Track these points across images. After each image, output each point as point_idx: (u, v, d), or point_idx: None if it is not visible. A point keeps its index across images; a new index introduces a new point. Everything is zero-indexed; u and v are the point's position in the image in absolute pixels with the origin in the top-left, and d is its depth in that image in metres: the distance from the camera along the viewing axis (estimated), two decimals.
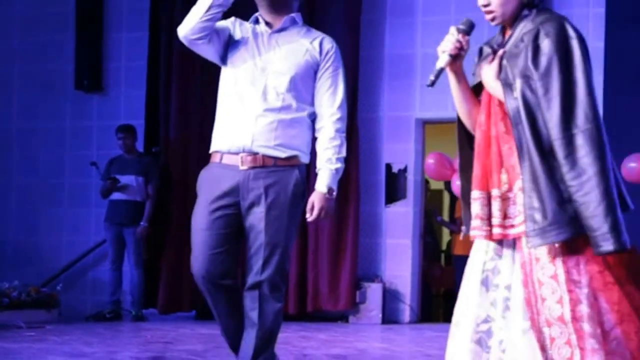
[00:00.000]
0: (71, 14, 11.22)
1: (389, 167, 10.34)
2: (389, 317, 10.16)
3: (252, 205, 4.30)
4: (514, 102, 3.36)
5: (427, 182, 10.93)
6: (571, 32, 3.34)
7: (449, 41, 3.51)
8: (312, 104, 4.40)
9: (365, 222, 10.19)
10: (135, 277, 10.12)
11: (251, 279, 4.31)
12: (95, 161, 10.59)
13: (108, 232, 10.22)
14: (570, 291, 3.29)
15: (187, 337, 8.36)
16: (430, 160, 9.10)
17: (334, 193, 4.42)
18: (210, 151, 4.49)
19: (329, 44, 4.46)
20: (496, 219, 3.47)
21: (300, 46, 4.39)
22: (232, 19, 4.47)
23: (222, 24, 4.39)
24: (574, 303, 3.28)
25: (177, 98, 10.38)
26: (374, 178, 10.28)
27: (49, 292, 9.96)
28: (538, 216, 3.28)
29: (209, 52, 4.40)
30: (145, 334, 8.62)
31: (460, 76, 3.58)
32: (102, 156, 10.61)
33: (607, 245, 3.16)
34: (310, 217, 4.40)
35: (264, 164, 4.28)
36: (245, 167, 4.31)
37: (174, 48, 10.31)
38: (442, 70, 3.52)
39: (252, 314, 4.30)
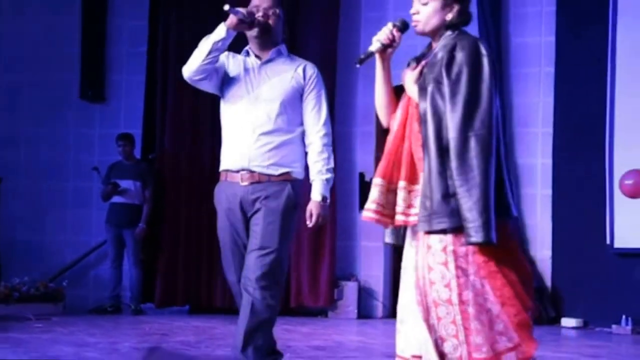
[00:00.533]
0: (77, 29, 11.48)
1: (362, 175, 10.62)
2: (364, 312, 10.46)
3: (252, 215, 4.60)
4: (424, 104, 3.59)
5: None
6: (483, 51, 3.56)
7: (384, 32, 3.77)
8: (302, 123, 4.70)
9: (342, 227, 10.45)
10: (134, 275, 10.35)
11: (244, 278, 4.56)
12: (97, 166, 10.80)
13: (108, 233, 10.44)
14: (457, 277, 3.48)
15: (181, 329, 8.55)
16: None
17: (328, 200, 4.75)
18: (220, 170, 4.80)
19: (311, 69, 4.78)
20: (400, 207, 3.67)
21: (287, 74, 4.68)
22: (226, 53, 4.74)
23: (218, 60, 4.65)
24: (461, 288, 3.47)
25: (172, 109, 10.62)
26: (349, 186, 10.54)
27: (56, 287, 10.19)
28: (427, 204, 3.51)
29: (209, 87, 4.76)
30: (144, 326, 8.85)
31: (386, 69, 3.82)
32: (103, 162, 10.81)
33: (477, 237, 3.37)
34: (310, 223, 4.72)
35: (259, 180, 4.58)
36: (245, 183, 4.62)
37: (169, 63, 10.59)
38: (372, 53, 3.78)
39: (244, 308, 4.55)
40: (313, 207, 4.72)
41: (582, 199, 9.01)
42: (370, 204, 3.76)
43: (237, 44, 4.75)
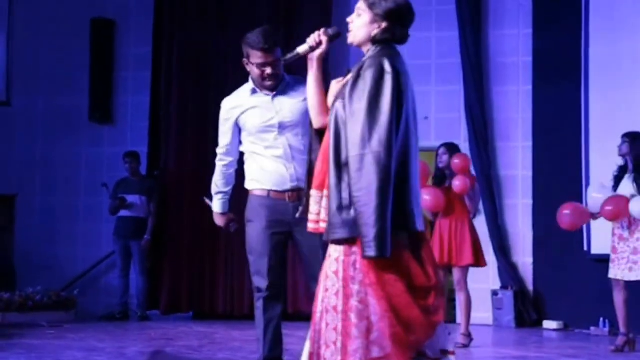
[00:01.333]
0: (86, 56, 11.71)
1: None
2: None
3: (300, 230, 4.54)
4: (330, 120, 3.58)
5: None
6: (388, 68, 3.47)
7: (313, 35, 3.78)
8: None
9: None
10: (141, 283, 10.52)
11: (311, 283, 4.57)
12: (105, 183, 11.00)
13: (116, 245, 10.63)
14: (344, 287, 3.46)
15: (185, 335, 8.63)
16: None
17: None
18: (252, 188, 4.83)
19: None
20: (322, 215, 3.68)
21: (299, 97, 4.73)
22: (227, 108, 4.86)
23: (228, 128, 4.87)
24: (347, 297, 3.44)
25: (175, 129, 10.83)
26: None
27: (67, 296, 10.40)
28: (328, 215, 3.53)
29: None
30: (150, 331, 8.96)
31: (317, 69, 3.80)
32: (112, 178, 11.03)
33: (370, 252, 3.33)
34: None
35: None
36: (293, 202, 4.67)
37: (172, 87, 10.85)
38: (297, 54, 3.82)
39: None
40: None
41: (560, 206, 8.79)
42: (311, 215, 3.75)
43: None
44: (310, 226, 3.71)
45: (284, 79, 4.79)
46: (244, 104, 4.80)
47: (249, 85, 4.81)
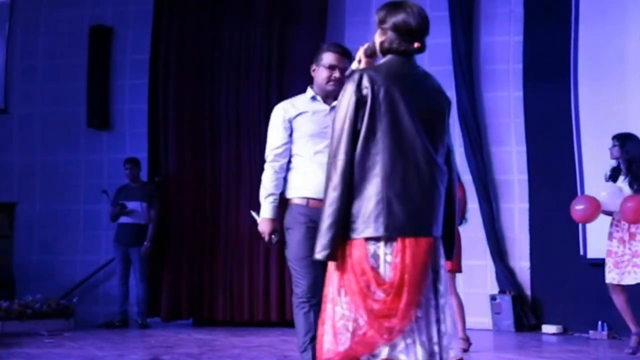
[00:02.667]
0: (84, 63, 11.73)
1: None
2: None
3: None
4: None
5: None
6: (354, 79, 3.57)
7: (359, 53, 3.92)
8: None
9: None
10: (141, 291, 10.43)
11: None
12: (105, 189, 10.97)
13: (116, 252, 10.56)
14: (325, 285, 3.64)
15: (185, 342, 8.56)
16: None
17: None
18: (292, 196, 4.85)
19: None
20: None
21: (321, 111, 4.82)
22: (283, 107, 4.88)
23: (284, 128, 4.87)
24: (326, 297, 3.63)
25: (174, 136, 10.80)
26: None
27: (67, 304, 10.27)
28: None
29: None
30: (149, 339, 8.88)
31: None
32: (112, 184, 11.00)
33: (316, 254, 3.49)
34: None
35: None
36: None
37: (169, 93, 10.83)
38: (352, 71, 3.90)
39: None
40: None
41: (557, 212, 9.02)
42: None
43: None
44: None
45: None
46: (301, 107, 4.86)
47: (309, 92, 4.88)
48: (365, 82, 3.51)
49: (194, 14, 10.86)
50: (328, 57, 4.78)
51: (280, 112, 4.88)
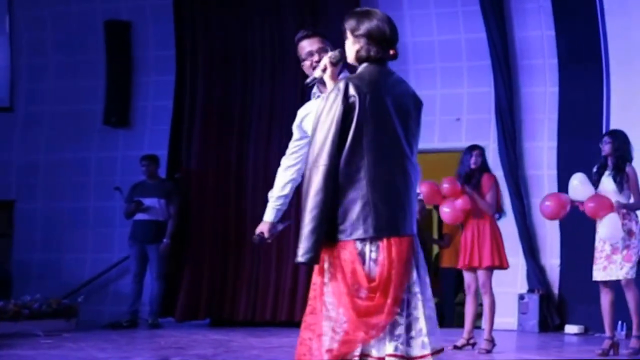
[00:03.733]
0: (101, 60, 11.55)
1: None
2: None
3: None
4: None
5: (421, 201, 10.49)
6: (340, 86, 3.64)
7: (323, 60, 4.03)
8: None
9: None
10: (156, 289, 10.16)
11: None
12: (118, 186, 10.73)
13: (132, 249, 10.32)
14: (312, 289, 3.67)
15: (198, 343, 8.22)
16: (422, 188, 8.60)
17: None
18: None
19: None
20: None
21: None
22: (302, 112, 4.84)
23: (296, 133, 4.95)
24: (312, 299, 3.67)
25: (199, 132, 10.72)
26: None
27: (69, 304, 9.86)
28: None
29: None
30: (159, 340, 8.50)
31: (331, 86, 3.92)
32: (126, 182, 10.77)
33: (298, 257, 3.54)
34: None
35: None
36: None
37: (197, 90, 10.76)
38: (315, 78, 4.13)
39: None
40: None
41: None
42: None
43: None
44: None
45: None
46: (311, 107, 4.74)
47: (315, 90, 4.75)
48: (352, 90, 3.63)
49: (220, 7, 10.79)
50: (300, 49, 4.69)
51: (296, 119, 4.95)
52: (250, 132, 10.51)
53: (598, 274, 7.54)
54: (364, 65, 3.74)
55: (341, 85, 3.61)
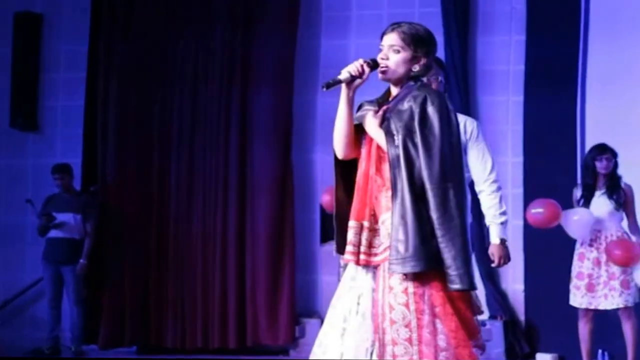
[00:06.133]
0: (7, 54, 10.38)
1: (323, 207, 9.71)
2: None
3: None
4: (394, 150, 3.68)
5: None
6: (450, 106, 3.73)
7: (354, 64, 3.79)
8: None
9: (301, 260, 9.73)
10: (75, 314, 9.37)
11: None
12: (30, 199, 9.78)
13: (45, 271, 9.45)
14: (417, 318, 3.60)
15: None
16: (326, 197, 8.17)
17: (507, 242, 4.97)
18: None
19: (470, 124, 5.03)
20: (363, 247, 3.78)
21: None
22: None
23: None
24: (421, 329, 3.59)
25: (115, 140, 9.83)
26: (309, 217, 9.82)
27: None
28: (401, 247, 3.60)
29: None
30: None
31: (350, 100, 3.83)
32: (38, 195, 9.77)
33: (463, 285, 3.52)
34: (495, 264, 4.99)
35: None
36: None
37: (111, 88, 9.86)
38: (339, 81, 3.78)
39: None
40: (495, 250, 4.96)
41: (554, 230, 8.28)
42: (349, 247, 3.79)
43: None
44: (348, 257, 3.81)
45: None
46: None
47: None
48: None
49: (143, 6, 9.93)
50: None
51: None
52: (171, 145, 9.77)
53: (597, 302, 7.21)
54: (418, 81, 3.80)
55: (449, 103, 3.72)
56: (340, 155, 3.86)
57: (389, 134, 3.69)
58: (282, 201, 9.35)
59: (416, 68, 3.78)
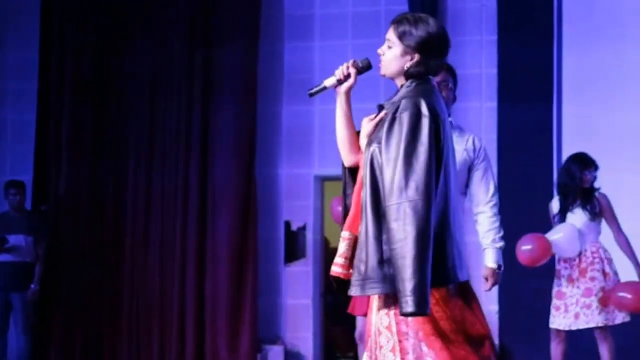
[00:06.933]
0: None
1: (287, 224, 9.54)
2: None
3: None
4: (364, 167, 3.55)
5: (326, 240, 9.58)
6: (425, 111, 3.42)
7: (341, 66, 3.69)
8: (465, 192, 4.88)
9: (264, 282, 9.42)
10: (23, 343, 8.99)
11: None
12: None
13: None
14: (400, 341, 3.46)
15: None
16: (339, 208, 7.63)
17: (502, 267, 5.02)
18: None
19: (478, 142, 4.98)
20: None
21: (458, 147, 4.59)
22: None
23: None
24: (403, 352, 3.45)
25: (68, 154, 9.51)
26: (273, 236, 9.51)
27: None
28: (362, 268, 3.46)
29: None
30: None
31: (345, 103, 3.68)
32: None
33: (407, 308, 3.30)
34: (485, 288, 5.01)
35: None
36: None
37: (65, 101, 9.53)
38: (324, 87, 3.70)
39: None
40: (489, 274, 4.98)
41: None
42: (339, 259, 3.60)
43: None
44: (337, 270, 3.59)
45: (452, 125, 4.63)
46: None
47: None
48: (435, 113, 3.44)
49: (97, 14, 9.57)
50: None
51: None
52: (129, 158, 9.44)
53: (568, 322, 6.90)
54: (416, 81, 3.54)
55: (424, 107, 3.41)
56: (345, 163, 3.73)
57: (368, 144, 3.55)
58: (245, 219, 9.07)
59: (408, 65, 3.54)
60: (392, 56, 3.54)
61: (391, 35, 3.56)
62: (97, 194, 9.47)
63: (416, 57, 3.51)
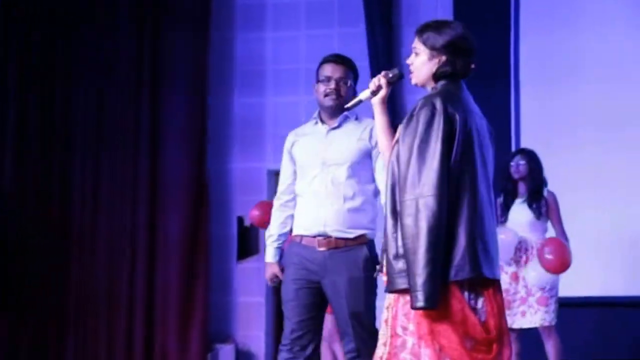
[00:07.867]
0: None
1: (240, 220, 9.25)
2: None
3: (332, 281, 4.62)
4: (386, 162, 3.78)
5: None
6: (439, 107, 3.46)
7: (374, 80, 3.84)
8: (374, 180, 4.78)
9: (216, 280, 9.16)
10: None
11: (345, 346, 4.68)
12: None
13: None
14: (392, 336, 3.49)
15: None
16: (255, 212, 7.28)
17: None
18: (293, 233, 4.87)
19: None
20: None
21: (353, 137, 4.77)
22: (288, 138, 4.90)
23: (286, 160, 4.87)
24: (396, 348, 3.46)
25: (13, 142, 9.03)
26: (225, 232, 9.25)
27: None
28: (386, 265, 3.63)
29: None
30: None
31: (381, 112, 3.79)
32: None
33: (416, 302, 3.33)
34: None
35: (336, 246, 4.63)
36: (322, 249, 4.66)
37: (9, 87, 9.06)
38: (360, 100, 3.90)
39: None
40: None
41: None
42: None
43: None
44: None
45: (347, 116, 4.82)
46: (302, 132, 4.96)
47: (315, 114, 4.93)
48: (450, 109, 3.46)
49: (42, 1, 9.18)
50: (321, 69, 4.82)
51: (286, 142, 5.00)
52: (76, 150, 9.12)
53: (512, 320, 6.58)
54: (442, 83, 3.62)
55: (439, 104, 3.45)
56: None
57: (392, 147, 3.68)
58: (196, 214, 8.79)
59: (435, 67, 3.63)
60: (420, 62, 3.63)
61: (417, 43, 3.66)
62: (43, 185, 9.17)
63: (443, 58, 3.60)
